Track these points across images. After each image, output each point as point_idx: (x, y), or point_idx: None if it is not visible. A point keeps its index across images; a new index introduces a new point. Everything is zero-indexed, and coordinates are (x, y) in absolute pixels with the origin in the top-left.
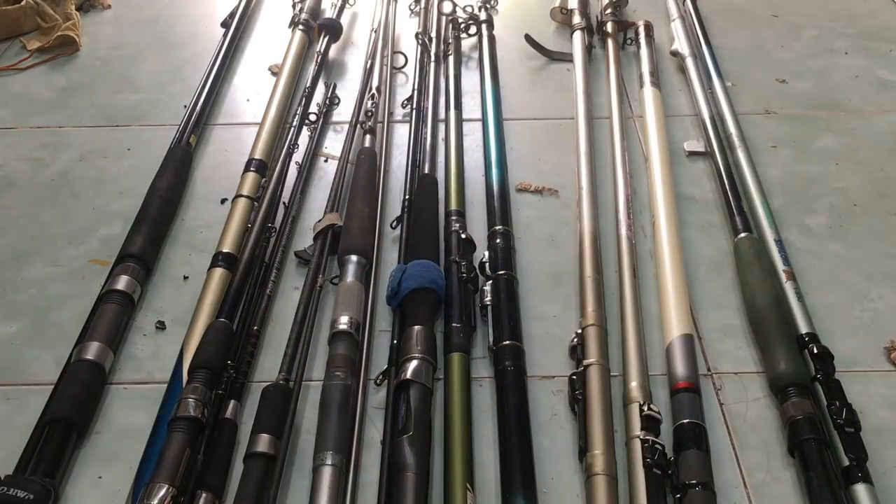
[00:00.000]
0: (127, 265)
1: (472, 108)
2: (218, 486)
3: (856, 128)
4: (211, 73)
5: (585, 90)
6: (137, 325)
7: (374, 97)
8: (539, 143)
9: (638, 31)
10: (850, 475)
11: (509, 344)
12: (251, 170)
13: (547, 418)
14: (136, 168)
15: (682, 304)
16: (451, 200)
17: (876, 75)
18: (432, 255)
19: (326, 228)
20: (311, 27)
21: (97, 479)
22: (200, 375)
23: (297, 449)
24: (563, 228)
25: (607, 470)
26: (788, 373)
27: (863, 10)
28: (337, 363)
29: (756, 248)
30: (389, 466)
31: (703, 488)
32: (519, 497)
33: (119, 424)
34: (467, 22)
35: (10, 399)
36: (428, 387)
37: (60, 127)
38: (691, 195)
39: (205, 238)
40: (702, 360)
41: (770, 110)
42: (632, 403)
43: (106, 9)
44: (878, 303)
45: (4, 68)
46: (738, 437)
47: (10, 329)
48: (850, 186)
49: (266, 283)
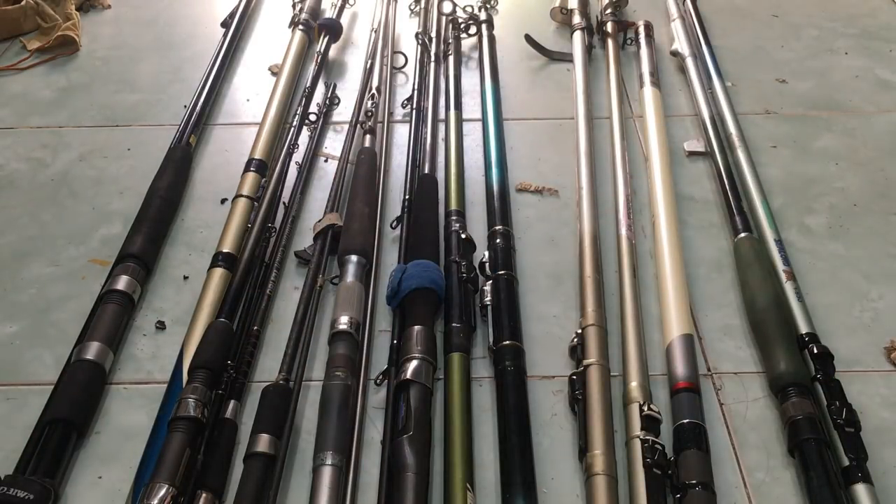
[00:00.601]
0: (127, 265)
1: (472, 108)
2: (218, 486)
3: (856, 128)
4: (211, 73)
5: (585, 90)
6: (137, 325)
7: (374, 97)
8: (539, 143)
9: (638, 31)
10: (850, 475)
11: (509, 344)
12: (251, 170)
13: (547, 418)
14: (136, 168)
15: (682, 304)
16: (451, 200)
17: (876, 75)
18: (432, 255)
19: (326, 228)
20: (311, 27)
21: (97, 479)
22: (200, 375)
23: (297, 449)
24: (563, 228)
25: (607, 470)
26: (788, 373)
27: (863, 10)
28: (337, 363)
29: (756, 248)
30: (389, 466)
31: (703, 488)
32: (519, 497)
33: (119, 424)
34: (467, 22)
35: (10, 399)
36: (428, 387)
37: (60, 127)
38: (691, 195)
39: (205, 238)
40: (702, 360)
41: (770, 110)
42: (632, 403)
43: (106, 9)
44: (878, 303)
45: (4, 68)
46: (738, 437)
47: (10, 329)
48: (850, 186)
49: (266, 283)
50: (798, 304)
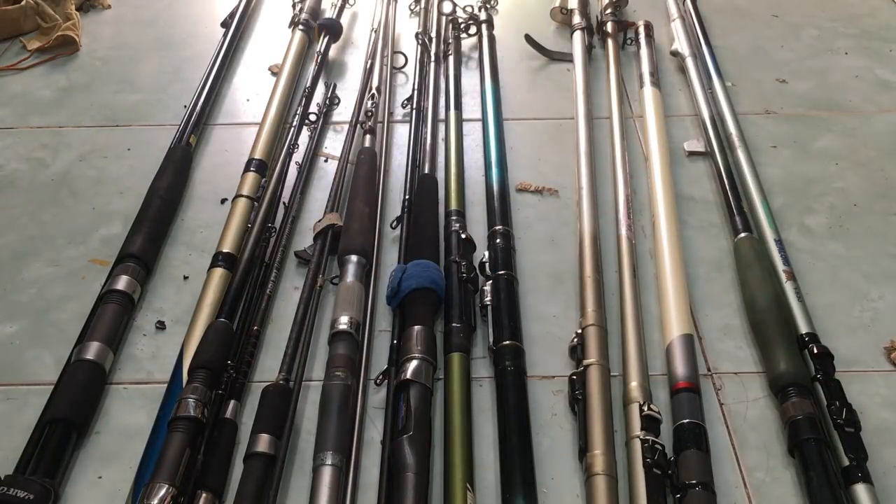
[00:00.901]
0: (127, 265)
1: (472, 108)
2: (218, 486)
3: (856, 128)
4: (211, 73)
5: (585, 90)
6: (137, 325)
7: (374, 97)
8: (539, 143)
9: (638, 31)
10: (850, 475)
11: (509, 344)
12: (251, 170)
13: (547, 418)
14: (136, 168)
15: (682, 304)
16: (451, 200)
17: (876, 75)
18: (432, 255)
19: (326, 228)
20: (311, 27)
21: (97, 479)
22: (200, 375)
23: (297, 449)
24: (563, 228)
25: (607, 470)
26: (788, 373)
27: (863, 10)
28: (337, 363)
29: (756, 248)
30: (389, 466)
31: (703, 488)
32: (519, 497)
33: (119, 424)
34: (467, 22)
35: (10, 399)
36: (428, 387)
37: (60, 127)
38: (691, 195)
39: (205, 238)
40: (702, 360)
41: (770, 110)
42: (632, 403)
43: (106, 9)
44: (878, 303)
45: (4, 68)
46: (738, 437)
47: (10, 329)
48: (850, 186)
49: (266, 283)
50: (798, 304)
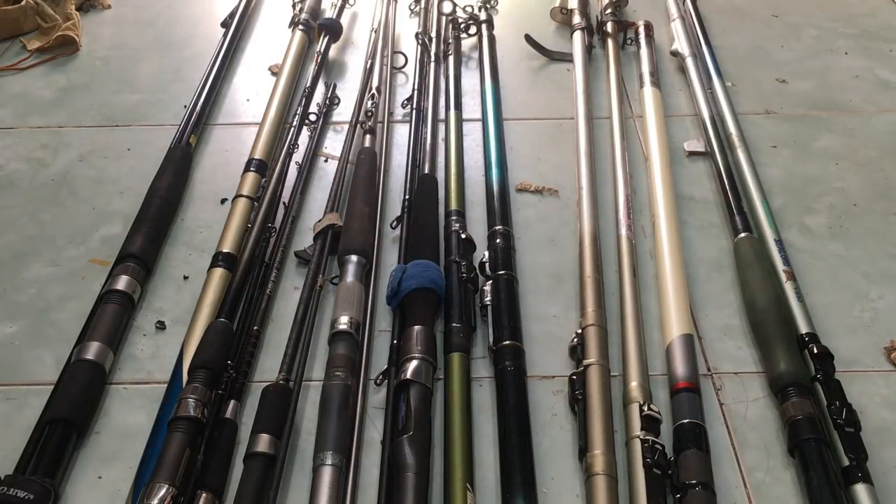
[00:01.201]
0: (127, 265)
1: (472, 108)
2: (218, 486)
3: (856, 128)
4: (211, 73)
5: (585, 90)
6: (137, 325)
7: (374, 97)
8: (539, 143)
9: (638, 31)
10: (850, 475)
11: (509, 344)
12: (251, 170)
13: (547, 418)
14: (136, 168)
15: (682, 303)
16: (451, 200)
17: (876, 75)
18: (432, 255)
19: (326, 228)
20: (311, 27)
21: (97, 479)
22: (200, 375)
23: (297, 449)
24: (563, 228)
25: (607, 470)
26: (788, 373)
27: (863, 10)
28: (337, 363)
29: (756, 248)
30: (389, 466)
31: (703, 488)
32: (519, 497)
33: (119, 424)
34: (467, 22)
35: (10, 399)
36: (428, 387)
37: (60, 127)
38: (691, 195)
39: (205, 238)
40: (702, 360)
41: (770, 110)
42: (632, 403)
43: (106, 9)
44: (878, 303)
45: (4, 68)
46: (738, 437)
47: (10, 329)
48: (850, 186)
49: (266, 283)
50: (798, 304)
